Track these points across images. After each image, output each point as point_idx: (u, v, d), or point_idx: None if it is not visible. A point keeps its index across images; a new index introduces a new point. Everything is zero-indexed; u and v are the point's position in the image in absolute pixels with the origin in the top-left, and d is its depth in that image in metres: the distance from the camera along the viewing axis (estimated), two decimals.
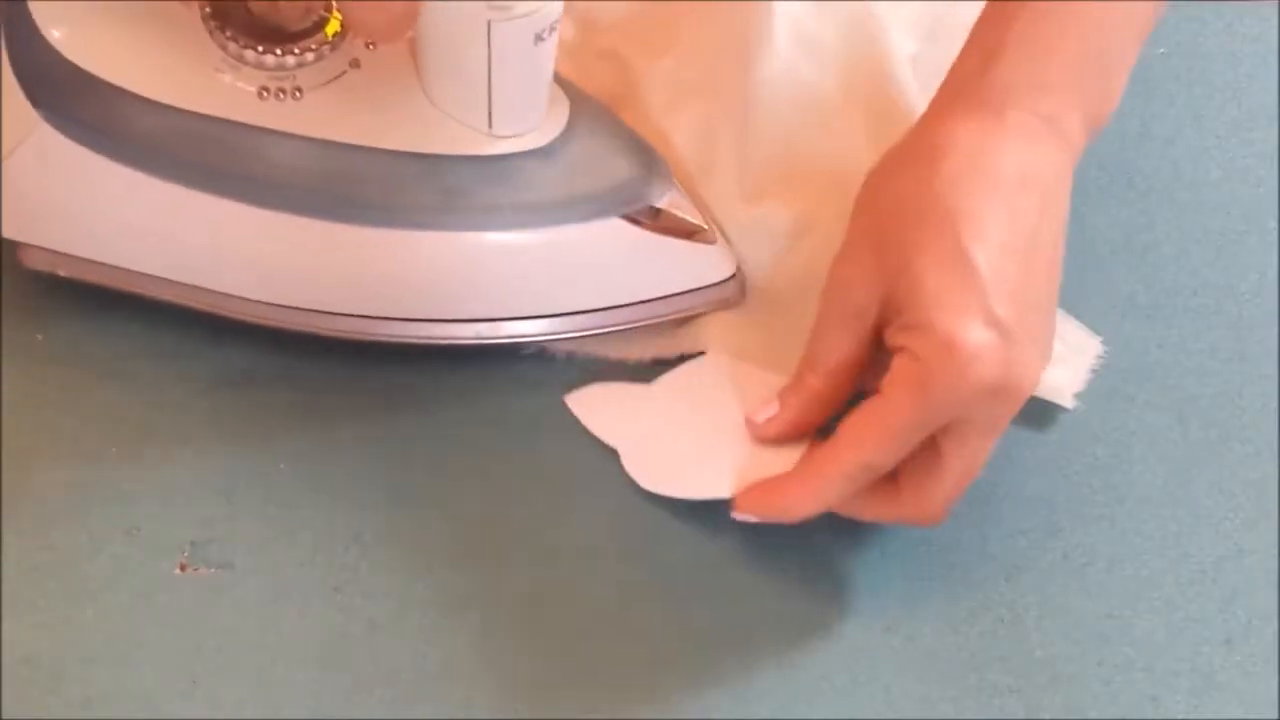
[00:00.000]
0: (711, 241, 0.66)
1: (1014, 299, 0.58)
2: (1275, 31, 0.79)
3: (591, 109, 0.65)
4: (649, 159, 0.66)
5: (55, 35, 0.61)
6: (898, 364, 0.58)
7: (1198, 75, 0.79)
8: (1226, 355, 0.69)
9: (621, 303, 0.66)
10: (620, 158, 0.65)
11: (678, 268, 0.66)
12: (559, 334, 0.66)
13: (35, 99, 0.61)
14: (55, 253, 0.64)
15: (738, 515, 0.62)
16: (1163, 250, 0.73)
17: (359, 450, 0.64)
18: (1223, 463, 0.66)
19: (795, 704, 0.60)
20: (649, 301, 0.66)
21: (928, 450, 0.59)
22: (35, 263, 0.65)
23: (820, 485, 0.60)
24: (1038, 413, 0.66)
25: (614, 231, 0.64)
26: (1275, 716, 0.61)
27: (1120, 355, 0.69)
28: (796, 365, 0.63)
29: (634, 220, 0.64)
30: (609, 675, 0.60)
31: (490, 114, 0.61)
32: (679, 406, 0.66)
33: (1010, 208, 0.59)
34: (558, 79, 0.63)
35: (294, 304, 0.64)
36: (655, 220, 0.64)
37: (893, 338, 0.59)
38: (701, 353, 0.67)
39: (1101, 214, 0.74)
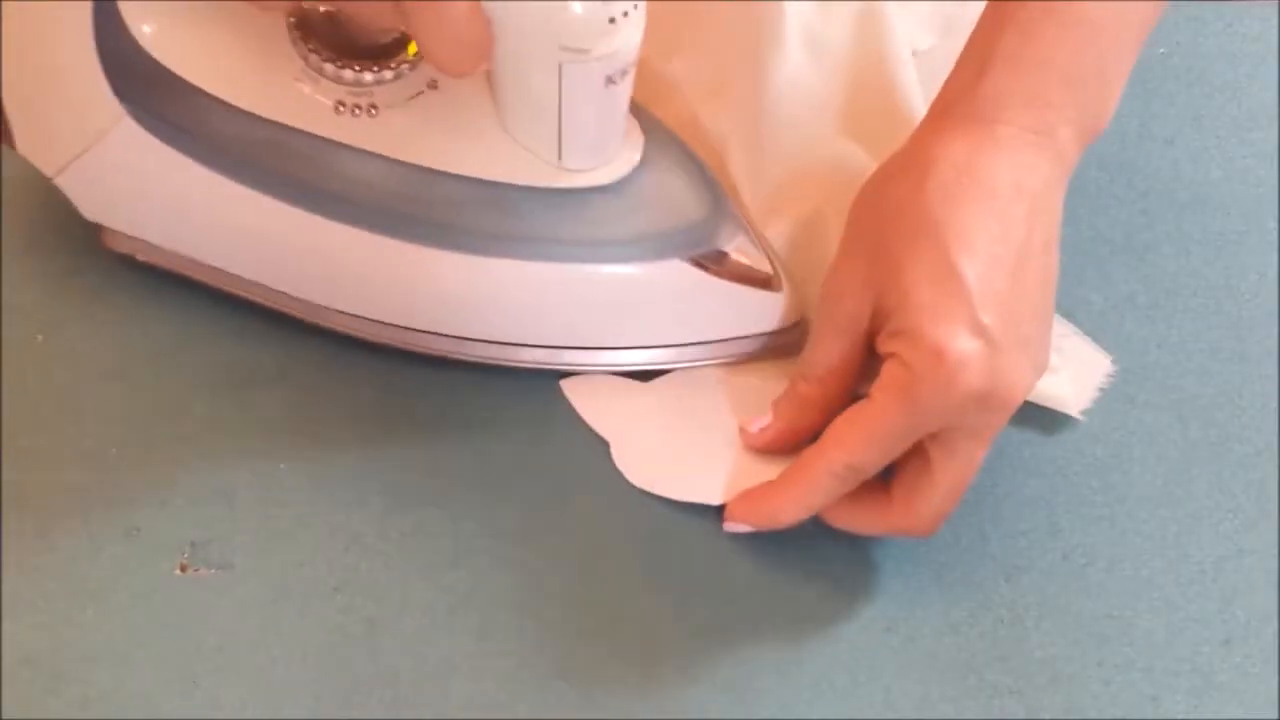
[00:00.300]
0: (778, 289, 0.65)
1: (1001, 309, 0.58)
2: (1275, 31, 0.80)
3: (666, 144, 0.65)
4: (719, 201, 0.65)
5: (143, 31, 0.61)
6: (887, 370, 0.59)
7: (1198, 75, 0.79)
8: (1226, 355, 0.69)
9: (679, 342, 0.66)
10: (690, 199, 0.64)
11: (740, 314, 0.66)
12: (614, 366, 0.66)
13: (120, 92, 0.62)
14: (134, 238, 0.66)
15: (729, 527, 0.62)
16: (1163, 250, 0.73)
17: (359, 450, 0.64)
18: (1223, 463, 0.66)
19: (795, 704, 0.60)
20: (707, 343, 0.66)
21: (919, 460, 0.60)
22: (115, 245, 0.66)
23: (806, 488, 0.60)
24: (1039, 417, 0.66)
25: (677, 274, 0.63)
26: (1275, 717, 0.61)
27: (1120, 355, 0.69)
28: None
29: (699, 264, 0.63)
30: (608, 675, 0.60)
31: (560, 148, 0.61)
32: (674, 407, 0.66)
33: (999, 219, 0.59)
34: (636, 109, 0.63)
35: (356, 312, 0.65)
36: (720, 265, 0.64)
37: (883, 344, 0.60)
38: None
39: (1101, 214, 0.74)
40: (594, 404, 0.66)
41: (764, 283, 0.65)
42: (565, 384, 0.66)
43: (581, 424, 0.66)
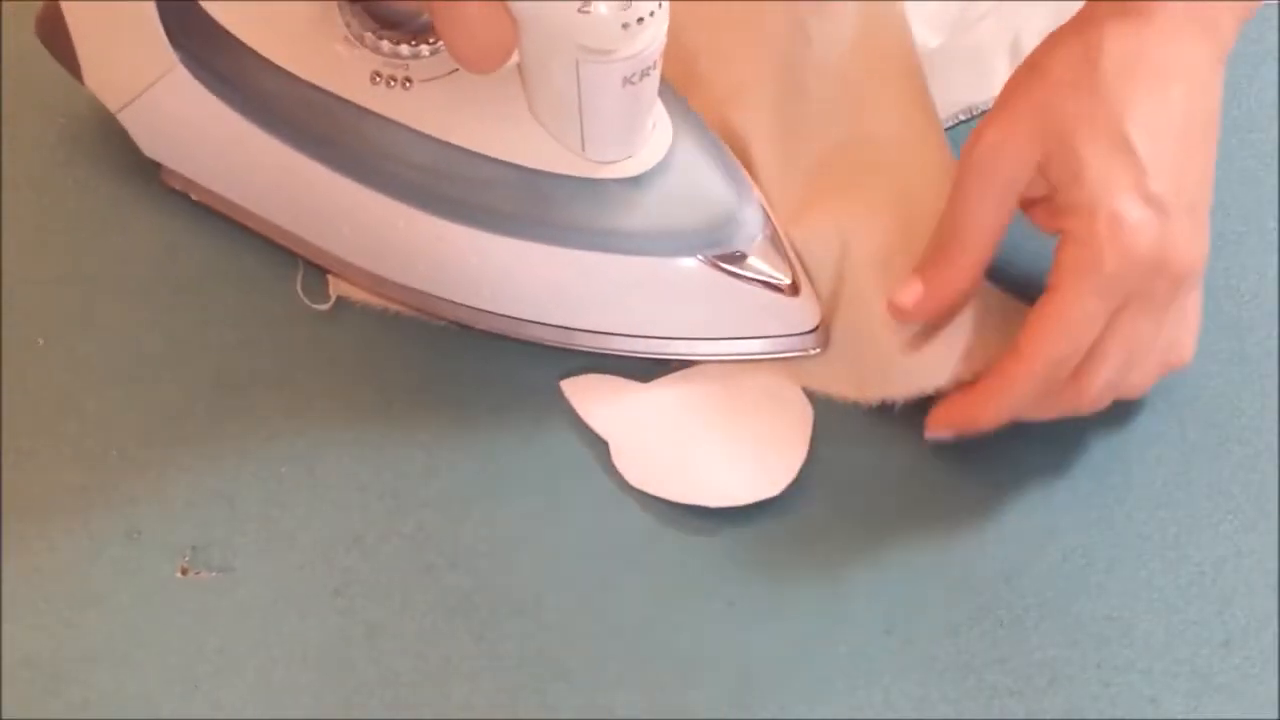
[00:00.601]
0: (796, 294, 0.65)
1: (1170, 179, 0.60)
2: (1275, 31, 0.79)
3: (696, 139, 0.65)
4: (743, 201, 0.65)
5: None
6: (1065, 253, 0.60)
7: None
8: (1226, 356, 0.69)
9: (692, 337, 0.66)
10: (712, 198, 0.64)
11: (756, 315, 0.66)
12: (626, 353, 0.66)
13: (175, 41, 0.64)
14: (187, 179, 0.69)
15: (932, 433, 0.64)
16: None
17: (359, 452, 0.64)
18: (1222, 464, 0.66)
19: (795, 706, 0.60)
20: (720, 340, 0.66)
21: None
22: (171, 183, 0.70)
23: (1011, 390, 0.61)
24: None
25: (693, 271, 0.64)
26: (1274, 718, 0.61)
27: None
28: (934, 244, 0.64)
29: (716, 263, 0.64)
30: (608, 675, 0.60)
31: (583, 140, 0.61)
32: (673, 409, 0.66)
33: (1166, 96, 0.61)
34: (671, 98, 0.64)
35: (377, 272, 0.66)
36: (738, 266, 0.64)
37: (1052, 219, 0.61)
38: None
39: None
40: (593, 405, 0.66)
41: (782, 287, 0.65)
42: (565, 384, 0.66)
43: (581, 424, 0.66)
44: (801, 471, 0.64)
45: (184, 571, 0.61)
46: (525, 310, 0.65)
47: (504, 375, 0.66)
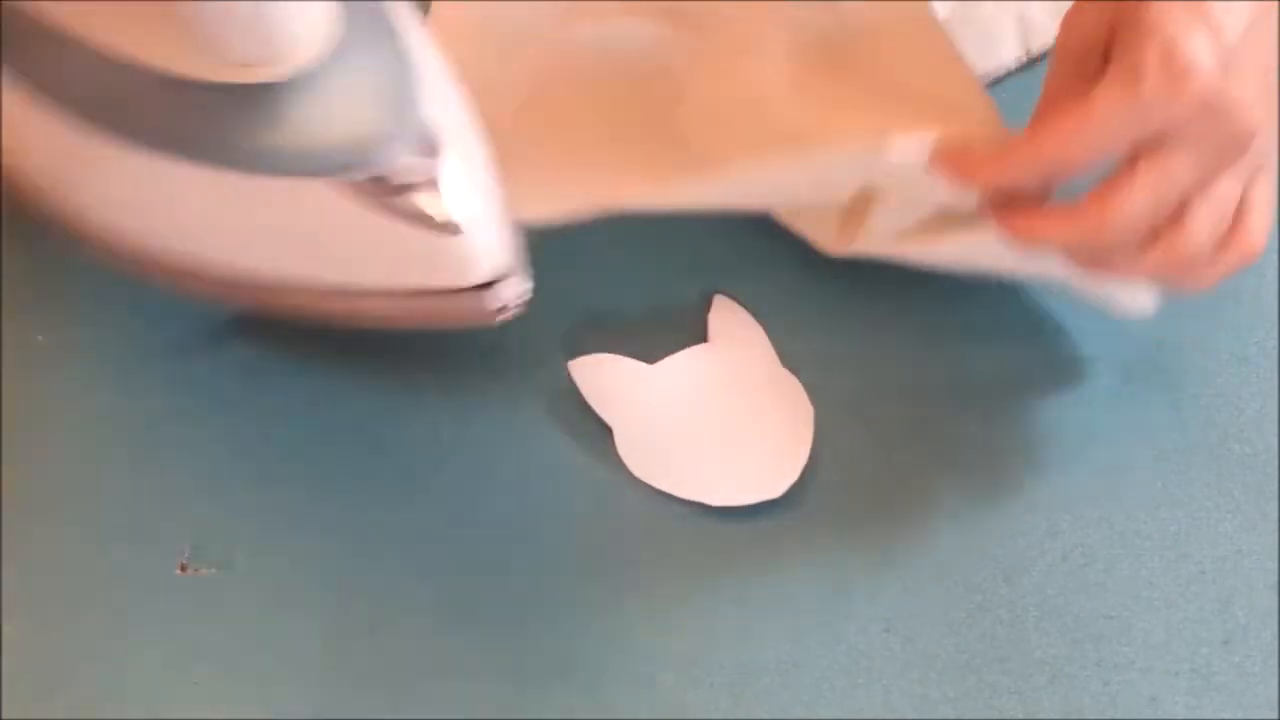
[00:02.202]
0: (455, 235, 0.55)
1: (1241, 37, 0.57)
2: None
3: (370, 45, 0.56)
4: (409, 122, 0.55)
5: None
6: (1111, 69, 0.57)
7: None
8: (1226, 355, 0.69)
9: (318, 283, 0.58)
10: (366, 110, 0.55)
11: (398, 260, 0.56)
12: (288, 306, 0.60)
13: None
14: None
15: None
16: None
17: (359, 450, 0.64)
18: (1222, 463, 0.66)
19: (794, 706, 0.60)
20: (354, 294, 0.58)
21: (1126, 166, 0.58)
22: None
23: (1009, 166, 0.59)
24: (1038, 418, 0.67)
25: (316, 197, 0.55)
26: (1274, 717, 0.61)
27: (1120, 355, 0.69)
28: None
29: (358, 190, 0.54)
30: (608, 676, 0.60)
31: (207, 37, 0.54)
32: (679, 398, 0.66)
33: None
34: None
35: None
36: (382, 195, 0.54)
37: (1111, 58, 0.58)
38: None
39: None
40: (600, 389, 0.65)
41: (437, 227, 0.55)
42: (573, 365, 0.66)
43: (583, 422, 0.66)
44: (801, 472, 0.64)
45: (184, 569, 0.61)
46: (150, 232, 0.58)
47: (506, 371, 0.66)
